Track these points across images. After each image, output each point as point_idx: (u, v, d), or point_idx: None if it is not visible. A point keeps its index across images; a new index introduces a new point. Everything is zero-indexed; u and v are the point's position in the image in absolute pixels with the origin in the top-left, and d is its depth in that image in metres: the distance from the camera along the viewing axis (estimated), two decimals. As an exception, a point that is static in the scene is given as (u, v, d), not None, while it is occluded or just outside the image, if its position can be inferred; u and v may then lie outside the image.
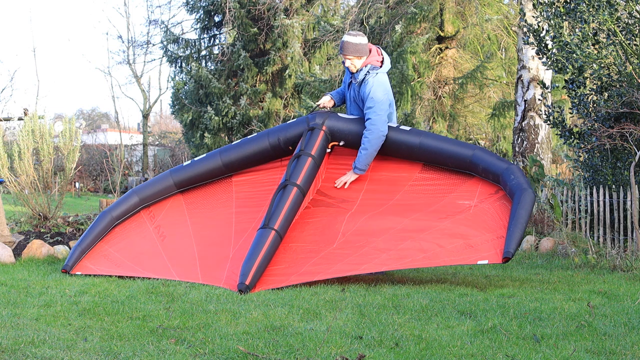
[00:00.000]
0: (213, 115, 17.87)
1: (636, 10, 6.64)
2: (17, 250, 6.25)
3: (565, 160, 11.01)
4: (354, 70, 5.55)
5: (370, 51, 5.55)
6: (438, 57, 15.40)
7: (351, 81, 5.65)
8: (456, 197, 5.35)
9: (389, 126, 5.52)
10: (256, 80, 18.50)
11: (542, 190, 8.02)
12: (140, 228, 5.62)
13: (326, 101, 5.78)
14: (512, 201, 5.02)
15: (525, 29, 7.48)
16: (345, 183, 5.57)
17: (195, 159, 5.92)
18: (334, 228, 5.23)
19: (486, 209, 5.16)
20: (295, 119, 5.90)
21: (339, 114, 5.71)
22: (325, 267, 4.86)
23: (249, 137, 5.91)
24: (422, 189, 5.47)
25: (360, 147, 5.51)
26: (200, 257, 5.22)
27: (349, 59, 5.50)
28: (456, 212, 5.18)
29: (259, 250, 4.84)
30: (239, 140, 5.92)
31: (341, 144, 5.65)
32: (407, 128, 5.61)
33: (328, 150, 5.64)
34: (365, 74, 5.48)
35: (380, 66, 5.53)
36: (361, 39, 5.51)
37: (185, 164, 5.91)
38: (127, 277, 5.14)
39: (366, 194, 5.51)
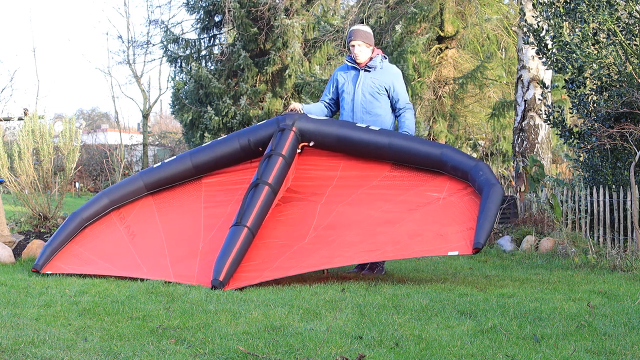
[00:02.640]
0: (213, 115, 17.86)
1: (636, 10, 6.63)
2: (17, 250, 6.25)
3: (565, 160, 11.01)
4: (363, 59, 5.75)
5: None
6: (438, 57, 15.40)
7: (360, 71, 5.79)
8: (425, 189, 5.42)
9: (357, 126, 5.61)
10: (256, 80, 18.49)
11: (542, 190, 8.01)
12: (111, 229, 5.64)
13: (298, 108, 5.83)
14: (481, 196, 5.08)
15: (525, 29, 7.48)
16: None
17: (165, 160, 5.98)
18: (305, 222, 5.28)
19: (455, 202, 5.22)
20: (265, 121, 5.97)
21: (308, 115, 5.77)
22: (298, 262, 4.90)
23: (219, 139, 5.98)
24: (391, 183, 5.54)
25: (406, 123, 5.78)
26: (170, 251, 5.25)
27: (358, 45, 5.72)
28: (425, 202, 5.24)
29: (232, 247, 4.89)
30: (209, 142, 5.99)
31: (311, 144, 5.70)
32: (377, 128, 5.65)
33: (298, 151, 5.69)
34: (382, 60, 5.79)
35: (385, 58, 5.88)
36: (368, 29, 5.85)
37: (155, 165, 5.96)
38: (127, 278, 5.15)
39: (335, 189, 5.57)
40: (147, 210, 5.74)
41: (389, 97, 5.79)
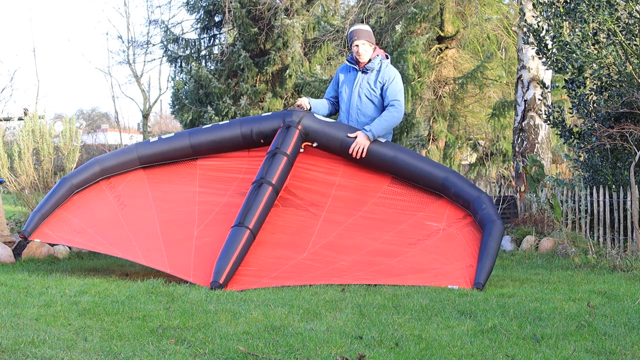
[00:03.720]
0: (213, 115, 17.84)
1: (636, 10, 6.64)
2: (17, 250, 6.25)
3: (565, 160, 11.01)
4: (364, 59, 5.73)
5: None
6: (438, 57, 15.40)
7: (358, 72, 5.77)
8: (424, 217, 5.41)
9: None
10: (256, 80, 18.49)
11: (542, 190, 8.01)
12: (100, 196, 5.55)
13: (305, 103, 5.79)
14: (483, 232, 5.13)
15: (525, 29, 7.48)
16: (360, 149, 5.50)
17: (163, 136, 5.87)
18: (304, 236, 5.25)
19: (455, 234, 5.24)
20: (270, 113, 5.91)
21: (315, 115, 5.71)
22: (296, 275, 4.91)
23: (220, 123, 5.88)
24: (390, 202, 5.52)
25: (381, 115, 5.61)
26: (164, 237, 5.20)
27: (362, 44, 5.69)
28: (425, 235, 5.24)
29: (234, 249, 4.88)
30: (210, 125, 5.90)
31: (314, 145, 5.66)
32: (383, 140, 5.63)
33: (301, 150, 5.65)
34: (381, 62, 5.74)
35: (387, 58, 5.84)
36: (369, 27, 5.84)
37: (152, 140, 5.86)
38: (127, 277, 5.15)
39: (334, 200, 5.53)
40: (138, 183, 5.65)
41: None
